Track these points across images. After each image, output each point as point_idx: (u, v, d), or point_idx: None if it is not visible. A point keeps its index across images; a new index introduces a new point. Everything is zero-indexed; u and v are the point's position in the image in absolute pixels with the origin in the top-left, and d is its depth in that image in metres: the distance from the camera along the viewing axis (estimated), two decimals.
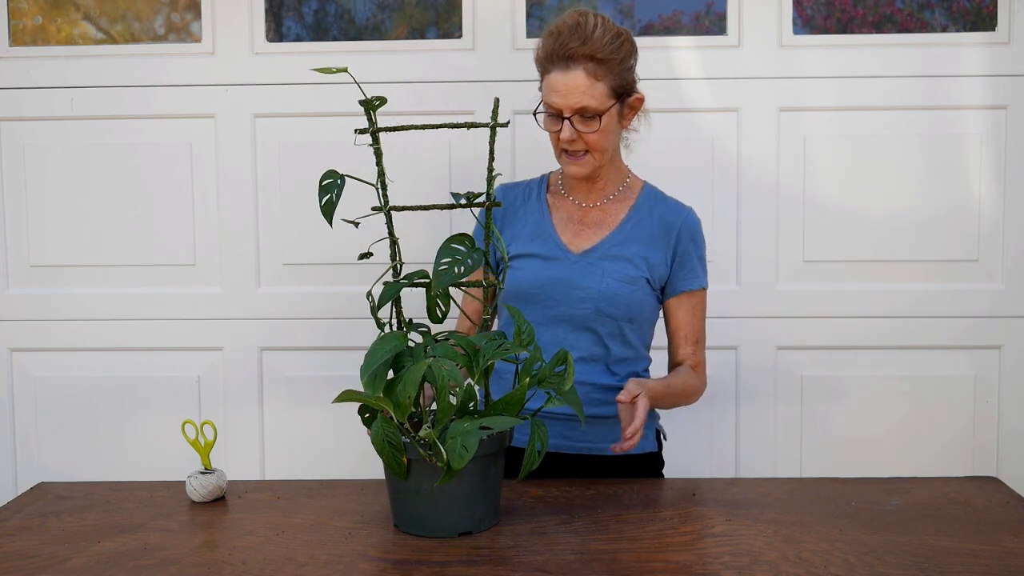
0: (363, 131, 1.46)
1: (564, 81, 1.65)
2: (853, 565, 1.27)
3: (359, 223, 1.47)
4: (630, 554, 1.31)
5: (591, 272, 1.74)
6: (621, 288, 1.73)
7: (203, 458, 1.63)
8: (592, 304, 1.73)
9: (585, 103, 1.65)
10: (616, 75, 1.68)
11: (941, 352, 2.45)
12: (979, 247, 2.43)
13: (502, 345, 1.40)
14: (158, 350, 2.50)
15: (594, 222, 1.80)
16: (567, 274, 1.74)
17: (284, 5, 2.53)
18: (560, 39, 1.66)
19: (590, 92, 1.65)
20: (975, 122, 2.40)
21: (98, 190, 2.48)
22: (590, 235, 1.78)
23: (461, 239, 1.44)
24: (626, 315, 1.75)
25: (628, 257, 1.76)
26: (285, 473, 2.51)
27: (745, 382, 2.47)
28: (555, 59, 1.66)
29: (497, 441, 1.39)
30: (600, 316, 1.73)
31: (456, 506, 1.38)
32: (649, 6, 2.50)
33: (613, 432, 1.76)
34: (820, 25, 2.46)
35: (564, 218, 1.81)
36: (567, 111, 1.66)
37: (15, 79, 2.47)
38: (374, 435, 1.35)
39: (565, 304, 1.73)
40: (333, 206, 1.43)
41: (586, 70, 1.65)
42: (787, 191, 2.43)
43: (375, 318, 1.46)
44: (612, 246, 1.77)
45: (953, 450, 2.47)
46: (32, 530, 1.45)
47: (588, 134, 1.68)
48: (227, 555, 1.33)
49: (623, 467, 1.78)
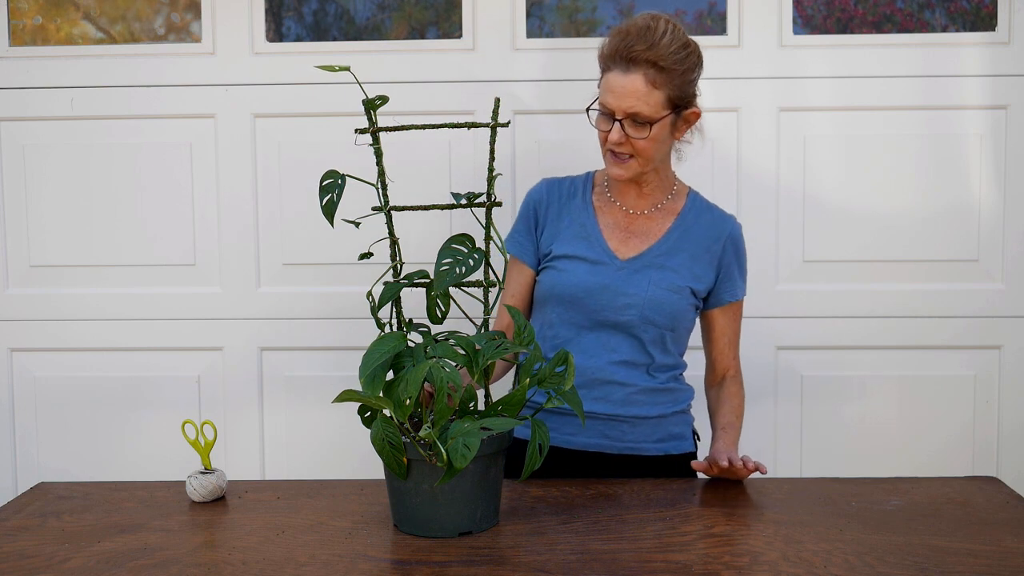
0: (363, 131, 1.46)
1: (622, 83, 1.63)
2: (853, 565, 1.27)
3: (360, 223, 1.47)
4: (630, 554, 1.31)
5: (637, 280, 1.74)
6: (667, 296, 1.74)
7: (203, 458, 1.63)
8: (637, 311, 1.73)
9: (639, 108, 1.63)
10: (676, 86, 1.66)
11: (941, 352, 2.45)
12: (979, 247, 2.43)
13: (501, 345, 1.40)
14: (158, 350, 2.50)
15: (640, 231, 1.79)
16: (613, 280, 1.74)
17: (284, 5, 2.53)
18: (627, 40, 1.63)
19: (646, 99, 1.63)
20: (975, 122, 2.40)
21: (98, 190, 2.48)
22: (637, 243, 1.78)
23: (462, 239, 1.44)
24: (670, 324, 1.76)
25: (674, 268, 1.76)
26: (285, 473, 2.51)
27: (745, 382, 2.46)
28: (617, 59, 1.64)
29: (497, 441, 1.39)
30: (644, 323, 1.74)
31: (456, 506, 1.38)
32: (650, 5, 2.50)
33: (655, 432, 1.79)
34: (820, 25, 2.46)
35: (611, 223, 1.80)
36: (619, 113, 1.65)
37: (15, 79, 2.47)
38: (374, 435, 1.35)
39: (610, 310, 1.74)
40: (334, 206, 1.43)
41: (646, 76, 1.63)
42: (787, 191, 2.43)
43: (375, 318, 1.46)
44: (658, 255, 1.77)
45: (953, 450, 2.47)
46: (32, 530, 1.45)
47: (637, 140, 1.66)
48: (227, 555, 1.33)
49: (663, 467, 1.80)
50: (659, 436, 1.80)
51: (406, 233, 1.79)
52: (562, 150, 2.40)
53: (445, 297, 1.46)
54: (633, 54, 1.62)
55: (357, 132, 1.47)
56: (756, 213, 2.43)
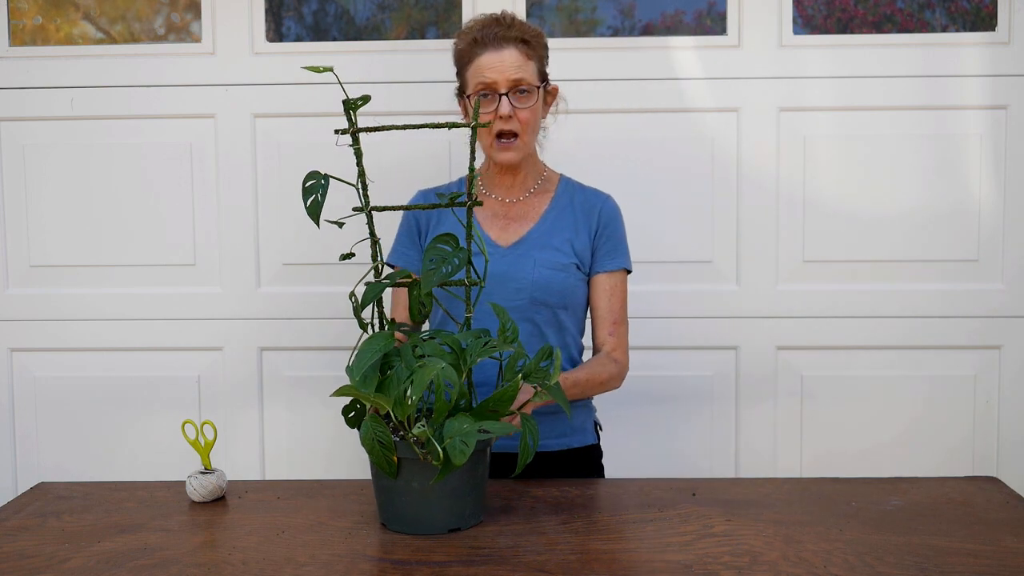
0: (343, 131, 1.47)
1: (499, 58, 1.72)
2: (853, 565, 1.27)
3: (343, 223, 1.48)
4: (630, 554, 1.31)
5: (522, 263, 1.77)
6: (553, 275, 1.76)
7: (203, 458, 1.63)
8: (527, 294, 1.75)
9: (521, 75, 1.72)
10: (540, 58, 1.78)
11: (941, 352, 2.45)
12: (979, 247, 2.43)
13: (488, 343, 1.41)
14: (158, 350, 2.50)
15: (518, 216, 1.83)
16: (499, 267, 1.76)
17: (284, 5, 2.53)
18: (486, 28, 1.74)
19: (524, 68, 1.73)
20: (975, 122, 2.40)
21: (98, 190, 2.48)
22: (516, 228, 1.81)
23: (446, 239, 1.45)
24: (561, 302, 1.78)
25: (556, 246, 1.79)
26: (285, 473, 2.51)
27: (745, 382, 2.47)
28: (484, 43, 1.73)
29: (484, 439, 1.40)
30: (536, 305, 1.76)
31: (446, 503, 1.39)
32: (650, 5, 2.50)
33: (554, 428, 1.78)
34: (821, 25, 2.46)
35: (488, 215, 1.83)
36: (504, 85, 1.72)
37: (15, 79, 2.47)
38: (364, 435, 1.36)
39: (500, 297, 1.74)
40: (319, 206, 1.44)
41: (519, 49, 1.73)
42: (787, 191, 2.43)
43: (358, 318, 1.47)
44: (539, 236, 1.80)
45: (953, 450, 2.47)
46: (32, 530, 1.45)
47: (522, 110, 1.73)
48: (227, 555, 1.33)
49: (565, 462, 1.80)
50: (560, 431, 1.79)
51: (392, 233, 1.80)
52: (563, 149, 2.39)
53: (428, 297, 1.47)
54: (499, 35, 1.72)
55: (337, 133, 1.48)
56: (756, 213, 2.43)
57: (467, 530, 1.41)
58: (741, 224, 2.44)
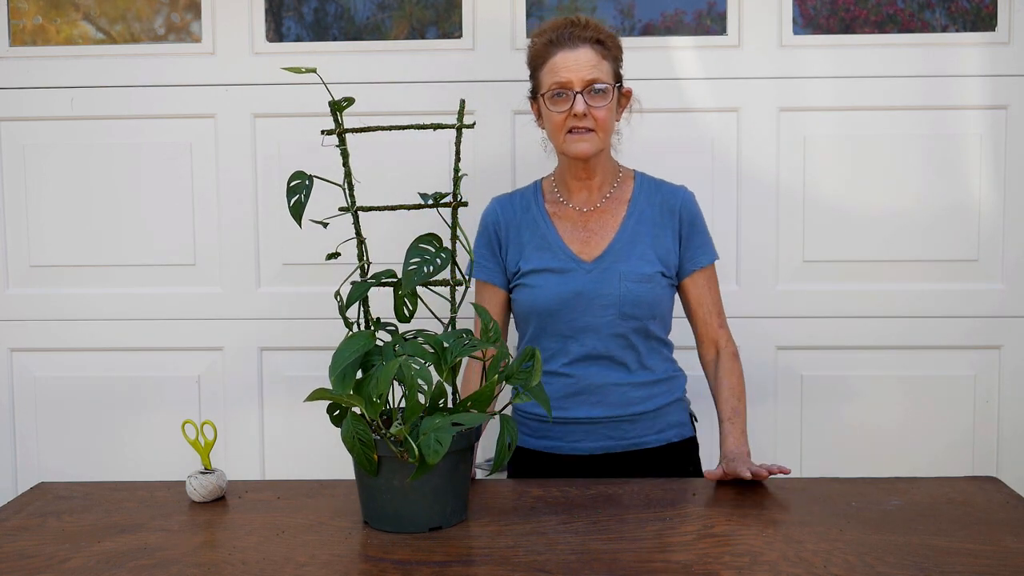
0: (329, 132, 1.47)
1: (574, 57, 1.71)
2: (853, 565, 1.27)
3: (328, 223, 1.48)
4: (630, 554, 1.31)
5: (607, 278, 1.76)
6: (640, 288, 1.75)
7: (203, 458, 1.63)
8: (615, 309, 1.75)
9: (596, 75, 1.71)
10: (615, 59, 1.77)
11: (941, 352, 2.45)
12: (979, 247, 2.43)
13: (469, 343, 1.41)
14: (158, 350, 2.50)
15: (597, 227, 1.81)
16: (584, 285, 1.76)
17: (284, 5, 2.53)
18: (558, 29, 1.73)
19: (599, 67, 1.72)
20: (975, 122, 2.40)
21: (98, 190, 2.48)
22: (598, 241, 1.80)
23: (429, 239, 1.45)
24: (649, 313, 1.77)
25: (640, 254, 1.78)
26: (285, 473, 2.51)
27: (745, 382, 2.47)
28: (559, 43, 1.72)
29: (466, 437, 1.41)
30: (624, 319, 1.75)
31: (427, 501, 1.40)
32: (650, 5, 2.50)
33: (655, 424, 1.82)
34: (823, 25, 2.46)
35: (568, 228, 1.82)
36: (579, 84, 1.71)
37: (15, 79, 2.47)
38: (344, 433, 1.36)
39: (588, 315, 1.75)
40: (302, 207, 1.44)
41: (594, 49, 1.72)
42: (787, 191, 2.43)
43: (343, 318, 1.47)
44: (621, 247, 1.78)
45: (953, 450, 2.47)
46: (32, 530, 1.45)
47: (597, 109, 1.72)
48: (227, 555, 1.33)
49: (666, 456, 1.83)
50: (659, 427, 1.83)
51: (400, 233, 1.79)
52: None
53: (412, 296, 1.47)
54: (573, 35, 1.72)
55: (323, 133, 1.48)
56: (756, 213, 2.43)
57: (468, 530, 1.41)
58: (741, 224, 2.44)
